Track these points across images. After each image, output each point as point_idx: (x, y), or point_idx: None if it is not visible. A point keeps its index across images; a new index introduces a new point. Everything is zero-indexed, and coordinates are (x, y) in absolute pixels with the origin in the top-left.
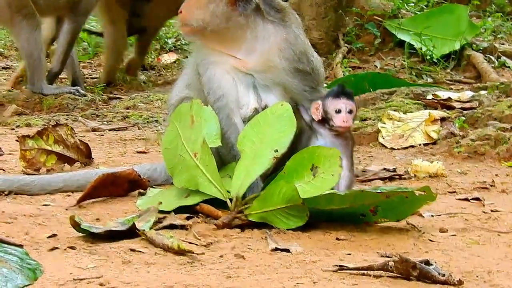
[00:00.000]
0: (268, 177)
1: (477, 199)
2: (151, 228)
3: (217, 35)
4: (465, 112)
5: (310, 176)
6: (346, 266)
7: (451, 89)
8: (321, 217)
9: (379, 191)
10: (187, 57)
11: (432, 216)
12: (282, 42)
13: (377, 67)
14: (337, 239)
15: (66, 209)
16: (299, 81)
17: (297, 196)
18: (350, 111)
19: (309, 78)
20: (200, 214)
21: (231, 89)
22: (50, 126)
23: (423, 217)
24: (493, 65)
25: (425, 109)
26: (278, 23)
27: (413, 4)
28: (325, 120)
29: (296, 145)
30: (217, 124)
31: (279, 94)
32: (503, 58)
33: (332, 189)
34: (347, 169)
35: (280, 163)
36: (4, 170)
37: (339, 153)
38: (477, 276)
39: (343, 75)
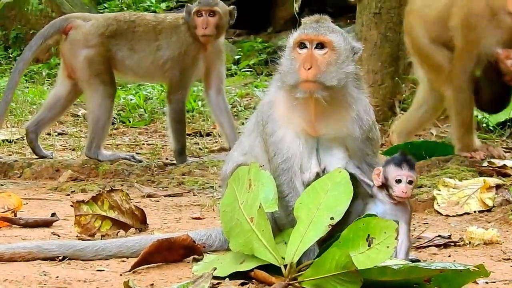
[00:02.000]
0: (324, 243)
1: None
2: None
3: (328, 92)
4: None
5: (365, 247)
6: None
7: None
8: (374, 285)
9: (433, 267)
10: (243, 123)
11: (487, 283)
12: (361, 111)
13: (433, 134)
14: None
15: (121, 275)
16: (365, 147)
17: (351, 263)
18: (410, 182)
19: (374, 144)
20: (255, 280)
21: (297, 152)
22: (105, 191)
23: (478, 283)
24: None
25: (480, 176)
26: (358, 90)
27: None
28: (384, 186)
29: (350, 210)
30: (274, 189)
31: (340, 157)
32: None
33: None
34: (405, 235)
35: (336, 229)
36: (59, 235)
37: (396, 225)
38: None
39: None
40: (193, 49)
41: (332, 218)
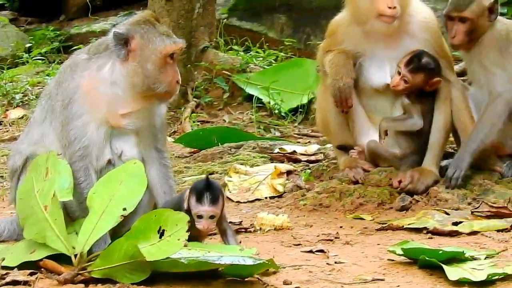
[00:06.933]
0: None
1: (322, 251)
2: None
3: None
4: (311, 165)
5: (156, 238)
6: None
7: (299, 142)
8: (168, 273)
9: (222, 261)
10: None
11: None
12: None
13: (225, 121)
14: None
15: None
16: (158, 133)
17: (138, 253)
18: (212, 217)
19: (165, 130)
20: (44, 270)
21: (97, 141)
22: None
23: (268, 270)
24: None
25: (271, 162)
26: None
27: (261, 59)
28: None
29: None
30: (70, 178)
31: (132, 144)
32: None
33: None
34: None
35: (131, 221)
36: None
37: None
38: None
39: (192, 129)
40: None
41: (124, 209)
